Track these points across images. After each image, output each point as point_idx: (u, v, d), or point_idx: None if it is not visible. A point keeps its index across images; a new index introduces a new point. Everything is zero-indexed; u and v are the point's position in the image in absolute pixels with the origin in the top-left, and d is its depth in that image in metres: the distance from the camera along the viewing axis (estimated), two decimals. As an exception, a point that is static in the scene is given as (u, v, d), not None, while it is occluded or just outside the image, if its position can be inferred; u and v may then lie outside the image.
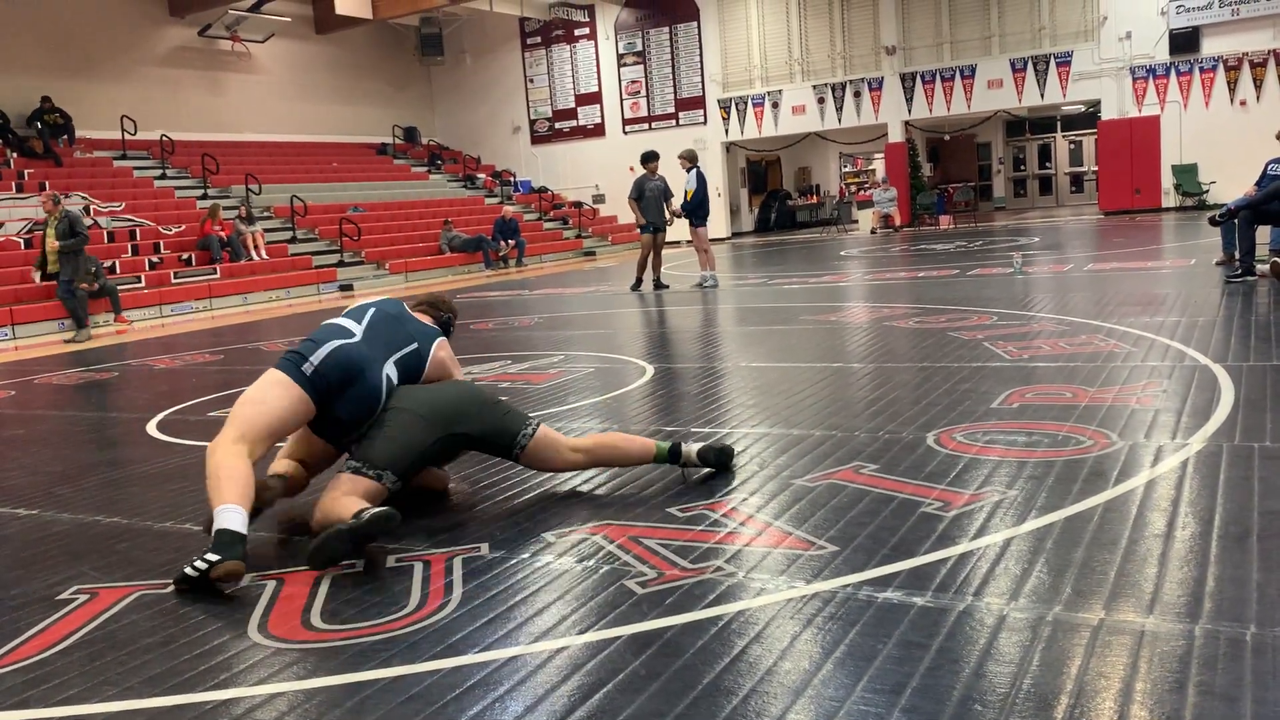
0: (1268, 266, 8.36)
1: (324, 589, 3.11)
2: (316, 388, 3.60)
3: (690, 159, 13.28)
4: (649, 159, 13.15)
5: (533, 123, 28.41)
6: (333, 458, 3.96)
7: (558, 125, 28.07)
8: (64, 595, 3.25)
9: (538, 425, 3.92)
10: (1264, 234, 9.68)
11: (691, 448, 4.00)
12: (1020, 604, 2.61)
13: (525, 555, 3.28)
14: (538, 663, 2.51)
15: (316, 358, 3.63)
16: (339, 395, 3.63)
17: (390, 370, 3.79)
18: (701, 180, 13.24)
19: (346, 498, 3.39)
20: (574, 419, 5.40)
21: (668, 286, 13.08)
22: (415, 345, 3.95)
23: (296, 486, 3.89)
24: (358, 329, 3.82)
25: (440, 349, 4.10)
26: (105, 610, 3.09)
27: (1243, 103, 20.91)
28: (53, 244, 13.64)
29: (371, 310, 3.99)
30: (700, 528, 3.40)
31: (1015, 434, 4.29)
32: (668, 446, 3.99)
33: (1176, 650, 2.30)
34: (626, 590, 2.90)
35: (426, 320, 4.25)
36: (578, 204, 26.55)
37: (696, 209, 13.18)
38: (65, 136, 19.80)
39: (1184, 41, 21.18)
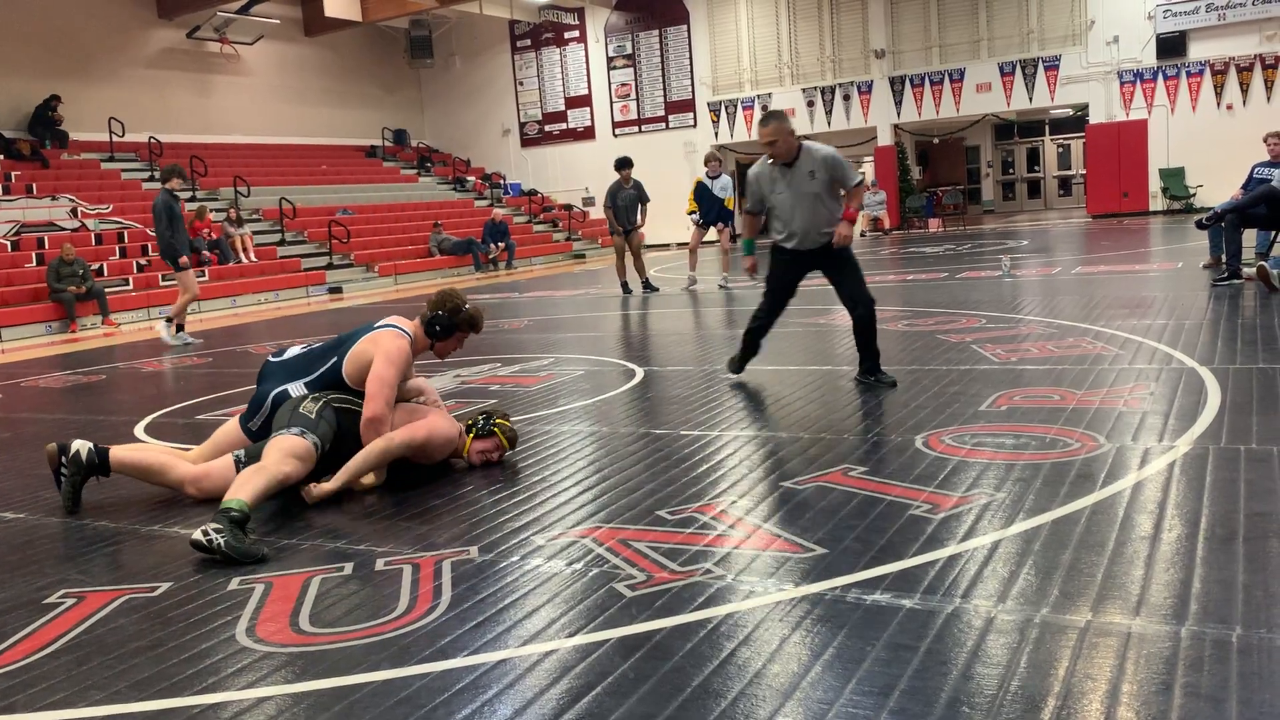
0: (1253, 270, 8.41)
1: (312, 592, 3.11)
2: None
3: (720, 160, 13.19)
4: (622, 165, 12.86)
5: (522, 125, 28.37)
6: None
7: (547, 128, 28.04)
8: (51, 599, 3.24)
9: (283, 436, 4.01)
10: (1250, 237, 9.73)
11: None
12: (1008, 606, 2.62)
13: (514, 558, 3.28)
14: (527, 666, 2.50)
15: None
16: None
17: (295, 387, 4.35)
18: (725, 184, 13.14)
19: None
20: (564, 421, 5.40)
21: (657, 289, 13.08)
22: (334, 360, 4.37)
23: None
24: (294, 350, 4.56)
25: (361, 344, 4.31)
26: (92, 614, 3.07)
27: (1229, 107, 21.02)
28: None
29: (336, 338, 4.55)
30: (689, 530, 3.40)
31: (1003, 436, 4.30)
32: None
33: (1163, 652, 2.31)
34: (616, 593, 2.90)
35: (406, 322, 4.50)
36: (567, 207, 26.53)
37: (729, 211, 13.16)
38: (55, 141, 19.73)
39: (1171, 46, 21.28)
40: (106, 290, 15.15)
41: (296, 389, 4.33)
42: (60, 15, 20.48)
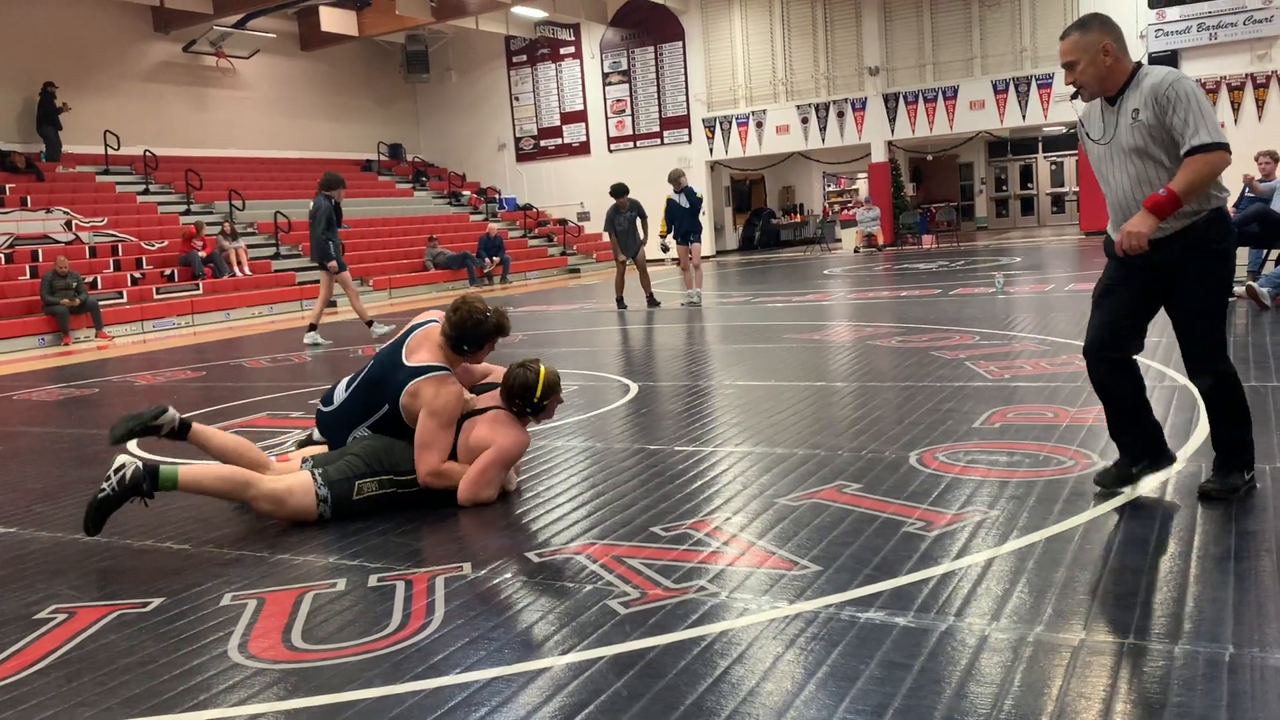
0: (1243, 289, 8.44)
1: (305, 608, 3.10)
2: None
3: (679, 178, 13.27)
4: (617, 194, 13.09)
5: (518, 140, 28.46)
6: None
7: (543, 143, 28.13)
8: (42, 614, 3.22)
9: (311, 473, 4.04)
10: (1242, 255, 9.77)
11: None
12: (1002, 624, 2.62)
13: (508, 575, 3.27)
14: (520, 683, 2.50)
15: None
16: None
17: (361, 432, 4.26)
18: (695, 197, 13.28)
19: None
20: (558, 436, 5.40)
21: (659, 304, 13.08)
22: (385, 408, 4.20)
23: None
24: (340, 396, 4.37)
25: (405, 396, 4.13)
26: (83, 630, 3.06)
27: (1220, 125, 21.14)
28: None
29: (371, 363, 4.38)
30: (683, 547, 3.40)
31: (997, 454, 4.31)
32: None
33: (1156, 671, 2.31)
34: (609, 610, 2.90)
35: (429, 356, 4.21)
36: (562, 221, 26.59)
37: (695, 226, 13.24)
38: (48, 148, 19.77)
39: (1163, 65, 21.40)
40: (100, 303, 15.12)
41: (363, 433, 4.24)
42: (57, 28, 20.51)
